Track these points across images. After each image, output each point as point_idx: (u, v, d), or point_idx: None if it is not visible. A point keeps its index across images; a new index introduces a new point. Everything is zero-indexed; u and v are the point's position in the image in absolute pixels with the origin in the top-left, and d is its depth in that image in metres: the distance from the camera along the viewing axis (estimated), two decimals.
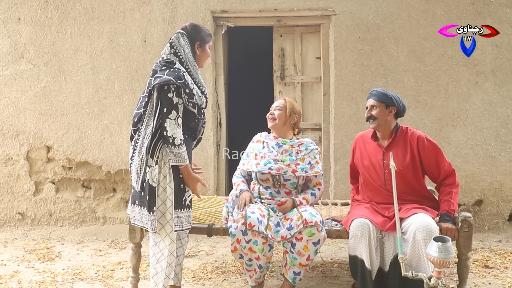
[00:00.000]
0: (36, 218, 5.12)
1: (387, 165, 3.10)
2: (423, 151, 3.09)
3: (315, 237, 2.87)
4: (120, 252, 4.41)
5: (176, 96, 2.75)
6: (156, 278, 2.88)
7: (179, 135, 2.74)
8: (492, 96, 4.81)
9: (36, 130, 5.04)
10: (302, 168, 3.16)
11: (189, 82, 2.82)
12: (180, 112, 2.77)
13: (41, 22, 4.99)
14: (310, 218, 2.89)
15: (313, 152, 3.27)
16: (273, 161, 3.16)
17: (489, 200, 4.88)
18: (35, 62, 5.01)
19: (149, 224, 2.83)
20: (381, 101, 3.13)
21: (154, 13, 4.94)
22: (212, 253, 4.38)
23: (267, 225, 2.92)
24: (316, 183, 3.30)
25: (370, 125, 3.18)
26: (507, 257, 4.15)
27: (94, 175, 5.10)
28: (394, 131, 3.17)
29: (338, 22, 4.87)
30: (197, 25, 2.99)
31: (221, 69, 5.16)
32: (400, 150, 3.12)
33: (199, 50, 2.96)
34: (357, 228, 2.92)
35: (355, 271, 2.93)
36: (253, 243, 2.87)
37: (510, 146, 4.81)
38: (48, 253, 4.36)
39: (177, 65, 2.85)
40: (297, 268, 2.96)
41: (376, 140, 3.23)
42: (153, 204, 2.80)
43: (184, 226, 2.84)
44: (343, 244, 4.50)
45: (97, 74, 4.99)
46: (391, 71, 4.85)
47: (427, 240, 2.72)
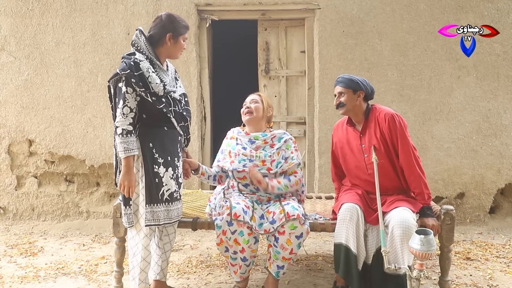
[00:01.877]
0: (18, 213, 5.06)
1: (365, 150, 3.10)
2: (393, 129, 3.01)
3: (297, 230, 2.87)
4: (104, 247, 4.38)
5: (125, 86, 2.69)
6: (133, 272, 2.87)
7: (122, 125, 2.67)
8: (474, 90, 4.87)
9: (17, 123, 4.97)
10: (277, 164, 3.13)
11: (145, 70, 2.72)
12: (127, 101, 2.69)
13: (22, 14, 4.90)
14: (292, 211, 2.89)
15: (287, 143, 3.22)
16: (247, 159, 3.14)
17: (470, 193, 4.95)
18: (16, 54, 4.93)
19: (125, 218, 2.83)
20: (348, 87, 3.11)
21: (138, 5, 4.88)
22: (197, 247, 4.38)
23: (252, 216, 2.93)
24: (291, 172, 3.21)
25: (339, 111, 3.17)
26: (488, 249, 4.23)
27: (77, 169, 5.04)
28: (366, 114, 3.16)
29: (322, 16, 4.88)
30: (172, 15, 2.89)
31: (206, 63, 5.13)
32: (371, 131, 3.10)
33: (171, 41, 2.85)
34: (346, 212, 2.92)
35: (338, 262, 2.93)
36: (239, 234, 2.87)
37: (491, 140, 4.89)
38: (31, 248, 4.31)
39: (137, 55, 2.80)
40: (281, 261, 2.97)
41: (352, 126, 3.23)
42: (128, 198, 2.79)
43: (160, 220, 2.80)
44: (327, 238, 4.53)
45: (80, 67, 4.93)
46: (375, 65, 4.87)
47: (404, 237, 2.75)
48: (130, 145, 2.68)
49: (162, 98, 2.79)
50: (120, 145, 2.68)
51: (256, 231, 2.90)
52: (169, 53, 2.91)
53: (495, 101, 4.87)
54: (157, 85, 2.75)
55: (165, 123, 2.84)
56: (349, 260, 2.88)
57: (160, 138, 2.82)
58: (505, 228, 4.89)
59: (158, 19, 2.88)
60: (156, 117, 2.80)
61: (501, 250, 4.20)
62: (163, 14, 2.89)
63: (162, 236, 2.98)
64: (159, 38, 2.85)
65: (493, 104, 4.88)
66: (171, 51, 2.90)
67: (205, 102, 5.17)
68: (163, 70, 2.89)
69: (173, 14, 2.91)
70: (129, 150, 2.68)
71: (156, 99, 2.76)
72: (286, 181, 3.12)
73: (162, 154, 2.81)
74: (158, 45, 2.87)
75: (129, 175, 2.72)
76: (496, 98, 4.87)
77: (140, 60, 2.74)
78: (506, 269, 3.70)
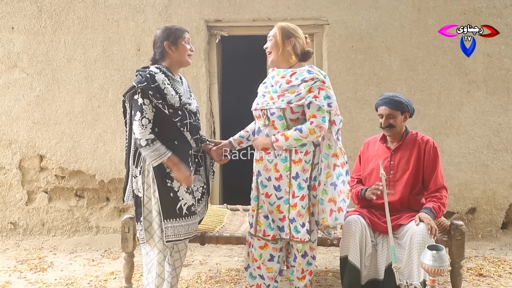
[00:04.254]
0: (28, 228, 5.08)
1: (393, 167, 3.11)
2: (428, 156, 3.09)
3: (302, 249, 2.90)
4: (113, 262, 4.38)
5: (142, 97, 2.68)
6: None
7: (144, 136, 2.65)
8: (484, 104, 4.85)
9: (29, 139, 5.01)
10: (284, 99, 2.77)
11: (160, 82, 2.72)
12: (145, 112, 2.67)
13: (34, 31, 4.99)
14: (296, 234, 2.81)
15: (307, 84, 2.76)
16: (262, 96, 2.91)
17: (482, 208, 4.89)
18: (28, 71, 5.00)
19: (138, 234, 2.83)
20: (397, 109, 3.13)
21: (148, 22, 4.95)
22: (206, 262, 4.36)
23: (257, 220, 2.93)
24: (310, 116, 2.75)
25: (386, 133, 3.18)
26: (500, 265, 4.17)
27: (87, 184, 5.07)
28: (404, 134, 3.20)
29: (331, 32, 4.90)
30: (164, 26, 2.90)
31: (215, 78, 5.16)
32: (407, 153, 3.13)
33: (173, 48, 2.84)
34: (348, 224, 2.93)
35: (343, 276, 2.92)
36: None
37: (502, 154, 4.85)
38: (40, 263, 4.32)
39: (151, 67, 2.82)
40: (297, 282, 2.98)
41: (385, 143, 3.24)
42: (140, 214, 2.78)
43: (181, 236, 2.78)
44: (337, 253, 4.49)
45: (91, 83, 4.98)
46: (384, 80, 4.88)
47: (421, 249, 2.73)
48: (161, 150, 2.67)
49: (178, 111, 2.78)
50: (152, 155, 2.66)
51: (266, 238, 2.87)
52: (177, 61, 2.88)
53: (505, 115, 4.84)
54: (173, 96, 2.75)
55: (177, 137, 2.82)
56: (351, 275, 2.86)
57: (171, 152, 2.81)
58: None
59: (154, 37, 2.91)
60: (168, 131, 2.78)
61: None
62: (157, 31, 2.91)
63: (173, 252, 2.96)
64: (162, 51, 2.86)
65: (503, 119, 4.84)
66: (177, 57, 2.87)
67: (215, 117, 5.19)
68: (178, 82, 2.90)
69: (167, 25, 2.92)
70: (161, 155, 2.67)
71: (173, 111, 2.75)
72: (296, 134, 2.73)
73: None
74: (164, 59, 2.87)
75: (178, 169, 2.71)
76: (506, 113, 4.84)
77: (155, 73, 2.75)
78: None
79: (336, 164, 2.82)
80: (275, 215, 2.86)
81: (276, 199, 2.86)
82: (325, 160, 2.81)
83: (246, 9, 4.93)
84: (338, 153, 2.84)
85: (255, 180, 2.95)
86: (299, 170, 2.79)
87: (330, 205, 2.76)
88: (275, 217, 2.87)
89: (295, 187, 2.79)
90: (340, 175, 2.83)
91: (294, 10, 4.91)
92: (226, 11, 4.94)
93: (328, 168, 2.80)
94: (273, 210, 2.87)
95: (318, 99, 2.73)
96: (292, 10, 4.91)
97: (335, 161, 2.82)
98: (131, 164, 2.81)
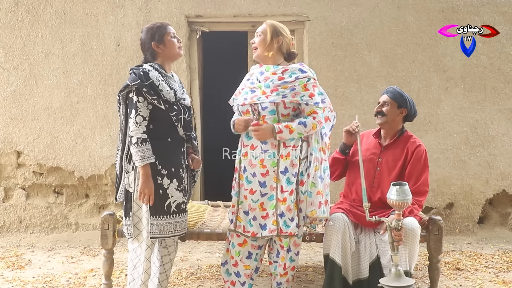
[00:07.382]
0: (5, 225, 5.00)
1: (380, 164, 3.12)
2: (414, 160, 3.06)
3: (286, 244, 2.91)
4: (93, 259, 4.33)
5: (136, 95, 2.72)
6: (132, 285, 2.85)
7: (137, 134, 2.69)
8: (461, 101, 4.92)
9: (5, 135, 4.92)
10: (279, 93, 2.77)
11: (154, 79, 2.75)
12: (140, 110, 2.71)
13: (11, 25, 4.89)
14: (285, 228, 2.79)
15: (301, 81, 2.78)
16: (250, 91, 2.90)
17: (459, 203, 4.98)
18: (4, 65, 4.91)
19: (125, 229, 2.82)
20: (395, 100, 3.11)
21: (128, 17, 4.89)
22: (187, 258, 4.35)
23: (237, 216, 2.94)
24: (310, 112, 2.80)
25: (377, 120, 3.15)
26: (477, 259, 4.25)
27: (66, 180, 5.00)
28: (398, 134, 3.17)
29: (312, 28, 4.92)
30: (146, 27, 2.92)
31: (196, 74, 5.14)
32: (396, 153, 3.11)
33: (161, 46, 2.86)
34: (331, 222, 2.94)
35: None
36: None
37: (479, 150, 4.93)
38: (18, 261, 4.25)
39: (144, 65, 2.84)
40: (279, 278, 2.99)
41: (378, 138, 3.24)
42: (129, 209, 2.80)
43: (167, 233, 2.79)
44: (318, 248, 4.53)
45: (70, 78, 4.91)
46: (364, 76, 4.91)
47: (407, 238, 2.80)
48: (146, 153, 2.69)
49: (174, 106, 2.83)
50: (137, 154, 2.68)
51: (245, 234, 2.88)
52: (168, 56, 2.92)
53: (482, 112, 4.92)
54: (168, 92, 2.79)
55: (170, 134, 2.85)
56: (332, 272, 2.89)
57: (163, 150, 2.81)
58: (494, 238, 4.91)
59: (140, 41, 2.93)
60: (163, 127, 2.81)
61: (490, 260, 4.22)
62: (141, 34, 2.93)
63: (161, 248, 2.96)
64: (151, 52, 2.89)
65: (480, 115, 4.92)
66: (168, 53, 2.90)
67: (195, 113, 5.17)
68: (171, 78, 2.93)
69: (147, 26, 2.94)
70: (145, 158, 2.69)
71: (169, 106, 2.80)
72: (301, 127, 2.76)
73: (165, 166, 2.80)
74: (156, 58, 2.90)
75: (148, 182, 2.71)
76: (483, 109, 4.92)
77: (149, 70, 2.78)
78: (495, 279, 3.72)
79: (323, 158, 2.89)
80: (257, 212, 2.85)
81: (260, 196, 2.84)
82: (314, 154, 2.83)
83: (227, 5, 4.91)
84: (324, 148, 2.91)
85: (237, 176, 2.95)
86: (288, 165, 2.80)
87: (319, 198, 2.79)
88: (257, 215, 2.85)
89: (283, 182, 2.79)
90: (326, 169, 2.90)
91: (275, 6, 4.91)
92: (207, 6, 4.91)
93: (316, 162, 2.83)
94: (256, 208, 2.85)
95: (314, 97, 2.81)
96: (273, 6, 4.91)
97: (322, 155, 2.88)
98: (124, 160, 2.82)
